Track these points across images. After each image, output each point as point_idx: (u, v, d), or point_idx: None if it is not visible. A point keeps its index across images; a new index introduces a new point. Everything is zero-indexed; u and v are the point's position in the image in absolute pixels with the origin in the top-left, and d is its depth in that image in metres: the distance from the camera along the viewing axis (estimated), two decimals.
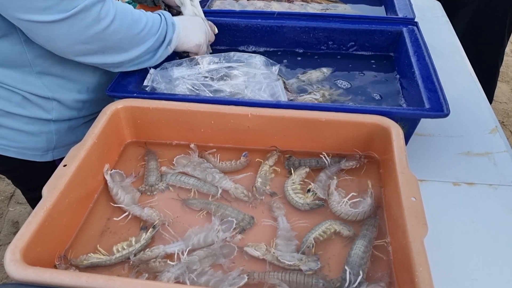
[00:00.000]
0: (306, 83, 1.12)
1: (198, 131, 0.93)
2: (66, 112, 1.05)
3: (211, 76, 0.94)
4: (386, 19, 1.27)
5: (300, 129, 0.90)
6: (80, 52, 0.88)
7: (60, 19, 0.80)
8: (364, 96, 1.11)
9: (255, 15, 1.28)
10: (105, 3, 0.85)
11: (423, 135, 1.05)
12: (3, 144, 1.03)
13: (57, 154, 1.09)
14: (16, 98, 0.98)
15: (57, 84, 1.00)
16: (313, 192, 0.83)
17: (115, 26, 0.87)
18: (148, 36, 0.94)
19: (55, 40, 0.84)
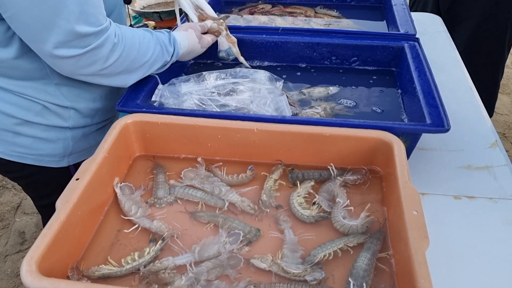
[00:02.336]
0: (308, 97, 1.15)
1: (205, 145, 0.96)
2: (81, 120, 1.10)
3: (218, 92, 0.97)
4: (387, 35, 1.30)
5: (304, 144, 0.92)
6: (85, 78, 0.95)
7: (77, 54, 0.86)
8: (366, 110, 1.13)
9: (260, 31, 1.32)
10: (115, 45, 0.91)
11: (425, 149, 1.08)
12: (20, 152, 1.07)
13: (72, 160, 1.14)
14: (36, 107, 1.03)
15: (74, 94, 1.05)
16: (318, 205, 0.85)
17: (117, 64, 0.94)
18: (153, 64, 1.02)
19: (59, 67, 0.91)
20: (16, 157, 1.08)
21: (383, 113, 1.13)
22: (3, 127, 1.03)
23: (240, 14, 1.61)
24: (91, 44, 0.87)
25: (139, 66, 0.99)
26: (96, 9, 0.87)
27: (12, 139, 1.05)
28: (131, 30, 0.98)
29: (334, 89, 1.19)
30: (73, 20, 0.82)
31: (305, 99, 1.15)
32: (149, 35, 1.01)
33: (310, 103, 1.13)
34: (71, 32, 0.83)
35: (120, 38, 0.93)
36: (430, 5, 2.12)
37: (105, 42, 0.89)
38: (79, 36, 0.84)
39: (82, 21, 0.83)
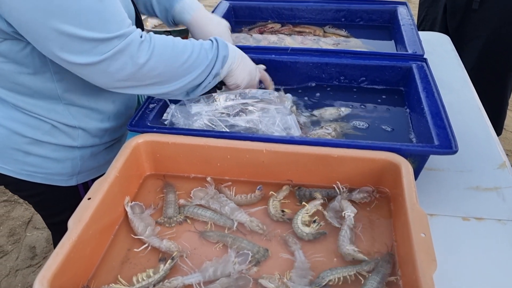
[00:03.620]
0: (319, 118, 1.16)
1: (215, 165, 0.97)
2: (89, 139, 1.11)
3: (227, 112, 0.99)
4: (396, 55, 1.31)
5: (312, 164, 0.93)
6: (120, 86, 0.92)
7: (96, 61, 0.84)
8: (375, 129, 1.14)
9: (269, 51, 1.34)
10: (142, 43, 0.88)
11: (433, 170, 1.08)
12: (30, 170, 1.09)
13: (81, 179, 1.15)
14: (45, 126, 1.04)
15: (82, 114, 1.07)
16: (318, 223, 0.86)
17: (151, 63, 0.89)
18: (192, 67, 0.95)
19: (94, 78, 0.89)
20: (25, 175, 1.09)
21: (392, 133, 1.13)
22: (13, 146, 1.05)
23: (250, 33, 1.64)
24: (115, 47, 0.85)
25: (177, 66, 0.93)
26: (114, 16, 0.85)
27: (23, 158, 1.07)
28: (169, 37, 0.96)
29: (345, 110, 1.20)
30: (88, 31, 0.81)
31: (316, 121, 1.16)
32: (188, 40, 0.98)
33: (320, 123, 1.15)
34: (88, 39, 0.82)
35: (148, 38, 0.90)
36: (438, 24, 2.14)
37: (129, 45, 0.86)
38: (94, 43, 0.83)
39: (97, 30, 0.82)
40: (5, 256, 2.14)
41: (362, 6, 1.68)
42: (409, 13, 1.58)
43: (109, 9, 0.84)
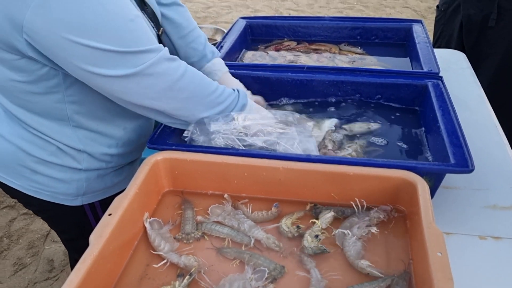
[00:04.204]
0: (349, 132, 1.18)
1: (232, 182, 0.99)
2: (95, 163, 1.12)
3: (246, 132, 1.01)
4: (411, 73, 1.32)
5: (329, 182, 0.94)
6: (147, 105, 0.94)
7: (130, 73, 0.87)
8: (391, 147, 1.15)
9: (285, 69, 1.36)
10: (175, 61, 0.93)
11: (449, 188, 1.08)
12: (37, 187, 1.11)
13: (86, 200, 1.16)
14: (51, 147, 1.06)
15: (89, 137, 1.08)
16: (320, 238, 0.87)
17: (182, 83, 0.94)
18: (215, 102, 1.01)
19: (126, 93, 0.91)
20: (33, 191, 1.11)
21: (407, 150, 1.14)
22: (21, 163, 1.07)
23: (266, 51, 1.66)
24: (148, 60, 0.88)
25: (203, 96, 0.99)
26: (144, 34, 0.89)
27: (30, 176, 1.09)
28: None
29: (375, 124, 1.22)
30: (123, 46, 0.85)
31: (347, 135, 1.18)
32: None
33: (353, 138, 1.16)
34: (122, 53, 0.85)
35: (179, 60, 0.94)
36: (454, 42, 2.14)
37: (161, 58, 0.90)
38: (129, 56, 0.86)
39: (131, 45, 0.86)
40: (24, 269, 2.17)
41: (377, 24, 1.70)
42: (425, 31, 1.59)
43: (139, 28, 0.88)
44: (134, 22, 0.87)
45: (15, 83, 0.95)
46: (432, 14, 5.03)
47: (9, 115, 1.04)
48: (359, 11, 5.25)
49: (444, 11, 2.19)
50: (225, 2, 5.64)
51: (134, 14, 0.89)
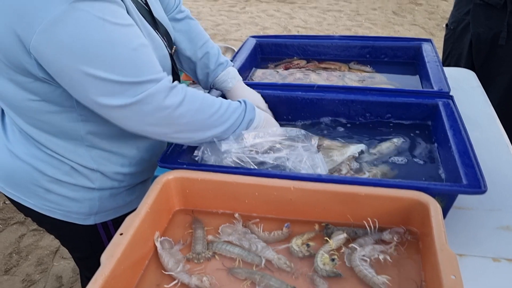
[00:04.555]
0: (378, 155, 1.17)
1: (243, 202, 0.99)
2: (108, 182, 1.13)
3: (256, 150, 1.01)
4: (421, 93, 1.32)
5: (340, 202, 0.94)
6: (149, 131, 0.96)
7: (128, 103, 0.88)
8: (404, 166, 1.14)
9: (295, 88, 1.36)
10: (173, 89, 0.93)
11: (461, 208, 1.07)
12: (50, 206, 1.12)
13: (98, 219, 1.16)
14: (65, 167, 1.07)
15: (102, 157, 1.09)
16: (336, 262, 0.86)
17: (181, 110, 0.94)
18: (218, 122, 1.01)
19: (125, 121, 0.93)
20: (46, 210, 1.12)
21: (422, 168, 1.13)
22: (35, 182, 1.08)
23: (276, 70, 1.67)
24: (145, 90, 0.89)
25: (205, 118, 0.99)
26: (146, 63, 0.90)
27: (43, 195, 1.10)
28: (201, 91, 1.02)
29: (398, 140, 1.22)
30: (121, 76, 0.86)
31: (377, 158, 1.17)
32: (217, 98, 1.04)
33: (380, 161, 1.15)
34: (120, 83, 0.86)
35: (179, 86, 0.95)
36: (464, 60, 2.14)
37: (159, 88, 0.90)
38: (126, 86, 0.87)
39: (129, 75, 0.87)
40: (32, 286, 2.17)
41: (387, 43, 1.70)
42: (434, 50, 1.60)
43: (141, 58, 0.89)
44: (137, 51, 0.88)
45: (30, 103, 0.97)
46: (441, 31, 5.04)
47: (24, 135, 1.05)
48: (367, 28, 5.27)
49: (454, 29, 2.20)
50: (234, 20, 5.70)
51: (139, 43, 0.89)
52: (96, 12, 0.81)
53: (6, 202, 2.67)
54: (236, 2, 6.44)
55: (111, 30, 0.84)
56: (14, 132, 1.07)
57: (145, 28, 1.02)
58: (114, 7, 0.86)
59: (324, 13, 5.82)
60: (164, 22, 1.16)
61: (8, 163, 1.08)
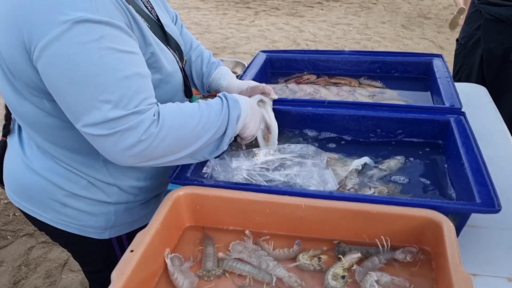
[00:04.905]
0: (388, 172, 1.16)
1: (253, 219, 0.98)
2: (124, 196, 1.13)
3: (266, 167, 1.01)
4: (433, 109, 1.31)
5: (351, 220, 0.93)
6: (132, 162, 0.92)
7: (105, 134, 0.86)
8: (413, 184, 1.13)
9: (306, 103, 1.36)
10: (153, 123, 0.89)
11: (475, 227, 1.06)
12: (66, 221, 1.12)
13: (114, 233, 1.17)
14: (82, 181, 1.08)
15: (119, 171, 1.09)
16: (346, 280, 0.85)
17: (160, 136, 0.90)
18: (204, 129, 0.96)
19: (105, 151, 0.90)
20: (62, 225, 1.12)
21: (430, 187, 1.12)
22: (52, 197, 1.09)
23: (286, 85, 1.68)
24: (124, 124, 0.86)
25: (187, 133, 0.94)
26: (136, 93, 0.87)
27: (59, 209, 1.10)
28: (176, 104, 0.98)
29: (401, 158, 1.22)
30: (104, 105, 0.84)
31: (387, 175, 1.16)
32: (196, 103, 1.00)
33: (386, 177, 1.15)
34: (101, 115, 0.85)
35: (160, 117, 0.91)
36: (475, 75, 2.14)
37: (141, 122, 0.87)
38: (107, 118, 0.85)
39: (113, 105, 0.85)
40: None
41: (397, 58, 1.70)
42: (445, 65, 1.59)
43: (132, 86, 0.87)
44: (129, 79, 0.86)
45: (46, 120, 0.98)
46: (450, 45, 5.04)
47: (41, 150, 1.06)
48: (376, 42, 5.28)
49: (464, 44, 2.19)
50: (243, 33, 5.74)
51: (134, 71, 0.87)
52: (93, 35, 0.82)
53: (16, 214, 2.68)
54: (245, 15, 6.49)
55: (105, 54, 0.83)
56: (31, 147, 1.08)
57: (158, 44, 1.03)
58: (116, 32, 0.85)
59: (333, 27, 5.84)
60: (174, 35, 1.16)
61: (25, 178, 1.09)
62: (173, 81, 1.09)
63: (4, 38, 0.87)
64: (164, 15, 1.16)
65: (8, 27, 0.85)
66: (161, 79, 1.03)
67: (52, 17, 0.80)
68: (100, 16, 0.82)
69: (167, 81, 1.06)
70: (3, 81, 0.97)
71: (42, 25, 0.80)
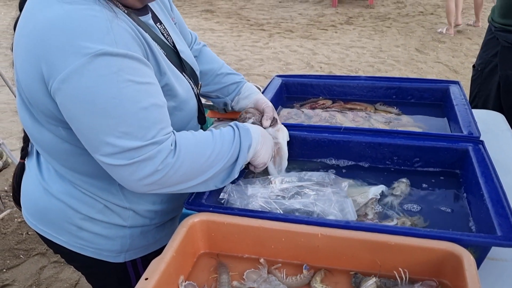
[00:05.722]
0: (403, 196, 1.16)
1: (269, 247, 0.97)
2: (139, 220, 1.13)
3: (283, 195, 1.00)
4: (450, 137, 1.29)
5: (368, 251, 0.92)
6: (146, 190, 0.93)
7: (122, 164, 0.87)
8: (431, 214, 1.11)
9: (322, 129, 1.36)
10: (170, 153, 0.91)
11: (494, 259, 1.03)
12: (82, 244, 1.12)
13: (129, 256, 1.17)
14: (98, 205, 1.08)
15: (135, 195, 1.10)
16: None
17: (176, 166, 0.91)
18: (214, 162, 0.97)
19: (121, 180, 0.92)
20: (77, 248, 1.13)
21: (449, 218, 1.10)
22: (69, 220, 1.09)
23: (301, 109, 1.68)
24: (142, 155, 0.87)
25: (201, 163, 0.96)
26: (154, 124, 0.89)
27: (76, 232, 1.11)
28: (191, 133, 1.00)
29: (406, 180, 1.22)
30: (123, 136, 0.86)
31: (403, 200, 1.16)
32: (209, 132, 1.01)
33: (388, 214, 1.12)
34: (120, 146, 0.86)
35: (177, 147, 0.93)
36: (492, 102, 2.12)
37: (159, 152, 0.89)
38: (125, 149, 0.86)
39: (132, 136, 0.86)
40: None
41: (414, 84, 1.69)
42: (462, 93, 1.58)
43: (150, 117, 0.88)
44: (147, 111, 0.87)
45: (63, 147, 1.00)
46: (465, 69, 5.02)
47: (59, 175, 1.07)
48: (390, 65, 5.28)
49: (481, 71, 2.18)
50: (257, 55, 5.78)
51: (151, 102, 0.89)
52: (112, 68, 0.83)
53: (29, 233, 2.69)
54: (259, 37, 6.55)
55: (123, 86, 0.84)
56: (50, 171, 1.09)
57: (173, 71, 1.04)
58: (134, 64, 0.87)
59: (347, 50, 5.86)
60: (190, 61, 1.18)
61: (42, 201, 1.10)
62: (188, 108, 1.10)
63: (23, 68, 0.89)
64: (180, 41, 1.18)
65: (27, 58, 0.87)
66: (175, 107, 1.04)
67: (71, 50, 0.81)
68: (119, 48, 0.84)
69: (181, 108, 1.07)
70: (22, 108, 0.99)
71: (62, 57, 0.82)
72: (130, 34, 0.90)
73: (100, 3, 0.87)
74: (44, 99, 0.90)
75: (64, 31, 0.82)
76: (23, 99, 0.97)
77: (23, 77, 0.90)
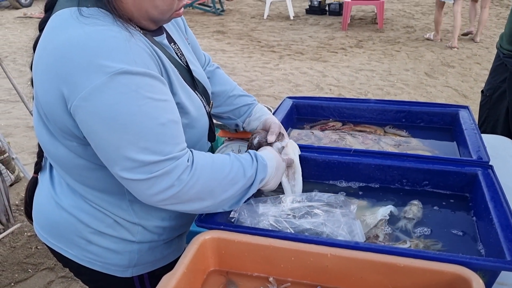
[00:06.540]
0: (416, 219, 1.16)
1: (278, 266, 0.98)
2: (148, 236, 1.15)
3: (293, 214, 1.01)
4: (460, 161, 1.31)
5: (378, 272, 0.92)
6: (161, 204, 0.96)
7: (141, 179, 0.90)
8: (442, 238, 1.12)
9: (332, 151, 1.37)
10: (186, 169, 0.94)
11: (504, 285, 1.03)
12: (90, 258, 1.14)
13: (136, 271, 1.18)
14: (108, 220, 1.10)
15: (144, 211, 1.11)
16: None
17: (191, 183, 0.94)
18: (228, 186, 1.00)
19: (138, 194, 0.95)
20: (86, 262, 1.14)
21: (459, 241, 1.11)
22: (79, 234, 1.11)
23: (312, 131, 1.70)
24: (160, 169, 0.90)
25: (216, 185, 0.99)
26: (171, 139, 0.93)
27: (85, 246, 1.12)
28: (210, 154, 1.02)
29: (418, 202, 1.22)
30: (143, 151, 0.89)
31: (416, 223, 1.16)
32: (227, 156, 1.04)
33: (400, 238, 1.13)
34: (139, 161, 0.89)
35: (191, 160, 0.96)
36: (500, 127, 2.13)
37: (176, 167, 0.92)
38: (145, 164, 0.89)
39: (151, 151, 0.89)
40: None
41: (423, 108, 1.71)
42: (471, 118, 1.59)
43: (167, 133, 0.92)
44: (165, 126, 0.91)
45: (77, 162, 1.02)
46: (474, 94, 5.03)
47: (71, 189, 1.09)
48: (399, 88, 5.31)
49: (490, 96, 2.20)
50: (267, 76, 5.84)
51: (169, 118, 0.92)
52: (131, 86, 0.87)
53: (39, 247, 2.71)
54: (270, 59, 6.62)
55: (143, 103, 0.88)
56: (62, 185, 1.11)
57: (186, 91, 1.07)
58: (152, 81, 0.91)
59: (356, 72, 5.90)
60: (202, 80, 1.21)
61: (54, 214, 1.12)
62: (199, 126, 1.13)
63: (43, 85, 0.92)
64: (194, 61, 1.21)
65: (47, 75, 0.90)
66: (187, 124, 1.07)
67: (93, 69, 0.85)
68: (138, 67, 0.87)
69: (193, 126, 1.10)
70: (39, 123, 1.02)
71: (84, 76, 0.85)
72: (147, 52, 0.93)
73: (117, 24, 0.91)
74: (62, 115, 0.92)
75: (86, 50, 0.85)
76: (40, 115, 1.00)
77: (42, 93, 0.93)
